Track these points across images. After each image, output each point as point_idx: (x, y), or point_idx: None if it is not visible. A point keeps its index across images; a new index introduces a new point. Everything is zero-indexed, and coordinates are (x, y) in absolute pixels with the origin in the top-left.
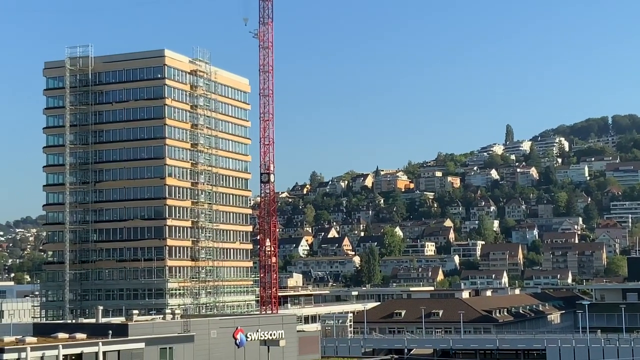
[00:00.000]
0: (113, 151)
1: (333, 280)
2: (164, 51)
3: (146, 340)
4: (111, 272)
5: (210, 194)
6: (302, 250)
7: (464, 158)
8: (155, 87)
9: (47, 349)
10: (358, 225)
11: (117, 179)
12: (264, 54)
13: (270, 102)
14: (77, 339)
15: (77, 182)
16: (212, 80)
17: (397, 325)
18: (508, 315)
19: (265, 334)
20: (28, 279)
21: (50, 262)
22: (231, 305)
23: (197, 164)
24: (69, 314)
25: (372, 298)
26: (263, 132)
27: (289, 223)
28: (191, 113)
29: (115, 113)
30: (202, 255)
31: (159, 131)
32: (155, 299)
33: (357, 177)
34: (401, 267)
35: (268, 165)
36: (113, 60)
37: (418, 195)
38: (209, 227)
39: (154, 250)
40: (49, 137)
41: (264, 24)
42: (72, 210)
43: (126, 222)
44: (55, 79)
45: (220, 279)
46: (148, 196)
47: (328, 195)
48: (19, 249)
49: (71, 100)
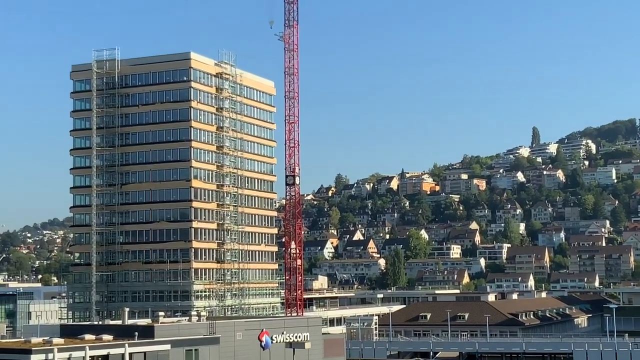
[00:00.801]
0: (139, 153)
1: (358, 283)
2: (190, 54)
3: (172, 342)
4: (137, 274)
5: (235, 197)
6: (328, 252)
7: (490, 160)
8: (181, 90)
9: (74, 350)
10: (383, 228)
11: (143, 181)
12: (289, 56)
13: (295, 105)
14: (104, 340)
15: (104, 184)
16: (238, 82)
17: (422, 328)
18: (534, 319)
19: (290, 336)
20: (55, 280)
21: (77, 264)
22: (256, 308)
23: (222, 167)
24: (96, 316)
25: (398, 301)
26: (288, 135)
27: (314, 225)
28: (217, 115)
29: (141, 115)
30: (228, 258)
31: (184, 134)
32: (180, 300)
33: (382, 180)
34: (427, 269)
35: (293, 168)
36: (139, 63)
37: (444, 198)
38: (235, 229)
39: (180, 252)
40: (76, 140)
41: (289, 26)
42: (98, 212)
43: (152, 224)
44: (82, 82)
45: (245, 281)
46: (174, 198)
47: (353, 197)
48: (46, 250)
49: (98, 102)
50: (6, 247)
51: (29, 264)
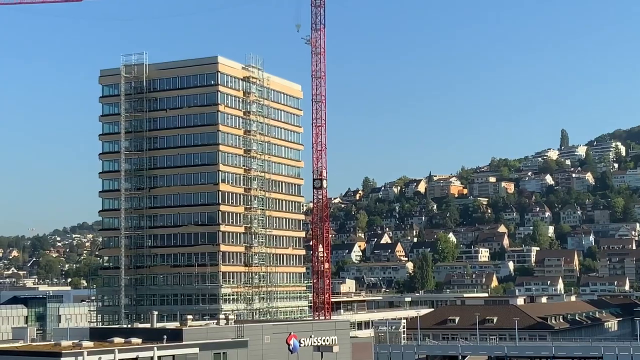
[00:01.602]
0: (167, 157)
1: (386, 286)
2: (217, 58)
3: (200, 345)
4: (165, 278)
5: (263, 200)
6: (355, 256)
7: (518, 163)
8: (208, 94)
9: (103, 353)
10: (411, 231)
11: (171, 185)
12: (316, 59)
13: (322, 108)
14: (133, 343)
15: (132, 188)
16: (265, 86)
17: (450, 332)
18: (564, 322)
19: (318, 339)
20: (84, 283)
21: (106, 267)
22: (284, 311)
23: (250, 170)
24: (125, 319)
25: (426, 304)
26: (315, 138)
27: (342, 229)
28: (244, 119)
29: (169, 120)
30: (255, 261)
31: (212, 137)
32: (208, 304)
33: (409, 183)
34: (455, 273)
35: (321, 171)
36: (167, 67)
37: (471, 201)
38: (262, 232)
39: (208, 255)
40: (104, 144)
41: (316, 30)
42: (127, 216)
43: (180, 227)
44: (110, 87)
45: (273, 284)
46: (202, 202)
47: (381, 200)
48: (75, 254)
49: (126, 107)
50: (36, 251)
51: (58, 267)
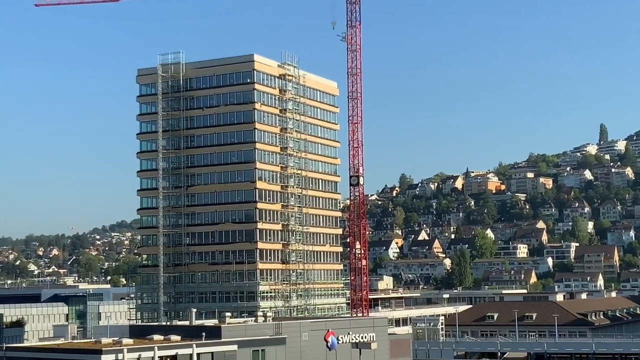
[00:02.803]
0: (204, 156)
1: (424, 283)
2: (253, 56)
3: (239, 343)
4: (204, 275)
5: (300, 197)
6: (392, 252)
7: (557, 159)
8: (244, 92)
9: (143, 350)
10: (448, 228)
11: (209, 183)
12: (352, 56)
13: (358, 105)
14: (172, 340)
15: (170, 186)
16: (301, 84)
17: (489, 329)
18: (604, 319)
19: (356, 336)
20: (124, 281)
21: (144, 265)
22: (322, 308)
23: (286, 168)
24: (164, 316)
25: (464, 301)
26: (352, 135)
27: (379, 225)
28: (280, 117)
29: (205, 118)
30: (293, 258)
31: (249, 135)
32: (246, 301)
33: (447, 179)
34: (493, 269)
35: (357, 168)
36: (203, 66)
37: (509, 197)
38: (299, 230)
39: (245, 253)
40: (142, 143)
41: (352, 26)
42: (165, 214)
43: (218, 225)
44: (147, 86)
45: (310, 281)
46: (239, 200)
47: (418, 197)
48: (114, 252)
49: (163, 106)
50: (76, 249)
51: (98, 265)
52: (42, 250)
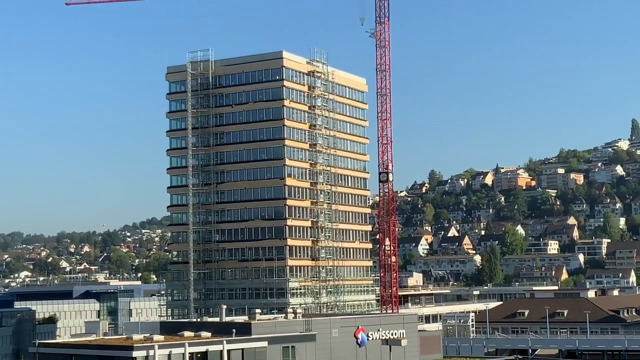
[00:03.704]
0: (234, 153)
1: (454, 280)
2: (282, 53)
3: (269, 339)
4: (234, 272)
5: (329, 194)
6: (422, 249)
7: (588, 154)
8: (273, 89)
9: (174, 346)
10: (478, 224)
11: (238, 180)
12: (381, 53)
13: (387, 101)
14: (203, 337)
15: (200, 183)
16: (330, 80)
17: (520, 325)
18: (636, 315)
19: (386, 333)
20: (154, 278)
21: (175, 262)
22: (352, 305)
23: (316, 164)
24: (194, 313)
25: (494, 297)
26: (381, 131)
27: (408, 222)
28: (309, 114)
29: (235, 115)
30: (322, 255)
31: (278, 132)
32: (276, 298)
33: (476, 175)
34: (523, 266)
35: (386, 165)
36: (232, 63)
37: (540, 193)
38: (329, 226)
39: (275, 250)
40: (172, 140)
41: (380, 23)
42: (195, 211)
43: (247, 222)
44: (177, 83)
45: (340, 278)
46: (268, 197)
47: (447, 193)
48: (145, 249)
49: (193, 103)
50: (107, 246)
51: (129, 262)
52: (73, 247)
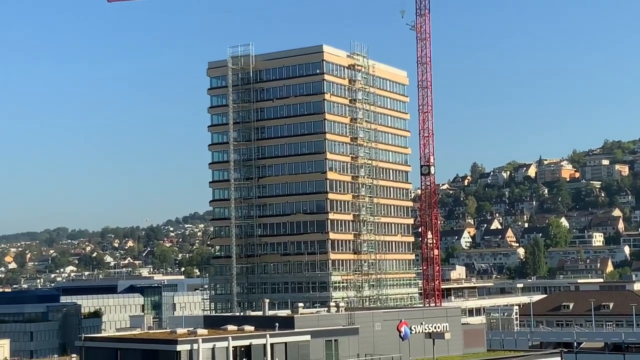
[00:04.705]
0: (275, 147)
1: (497, 272)
2: (322, 47)
3: (312, 333)
4: (276, 266)
5: (370, 187)
6: (465, 242)
7: (633, 145)
8: (314, 83)
9: (217, 340)
10: (521, 216)
11: (280, 174)
12: (422, 45)
13: (429, 94)
14: (246, 331)
15: (241, 178)
16: (370, 73)
17: (565, 318)
18: None
19: (429, 326)
20: (197, 272)
21: (217, 257)
22: (394, 298)
23: (357, 158)
24: (237, 307)
25: (538, 290)
26: (422, 124)
27: (451, 215)
28: (350, 107)
29: (276, 109)
30: (364, 249)
31: (319, 126)
32: (319, 292)
33: (519, 167)
34: (568, 258)
35: (428, 157)
36: (273, 57)
37: (584, 185)
38: (371, 220)
39: (317, 244)
40: (213, 135)
41: (421, 15)
42: (237, 206)
43: (289, 216)
44: (218, 78)
45: (382, 271)
46: (310, 191)
47: (490, 186)
48: (188, 243)
49: (234, 98)
50: (151, 241)
51: (172, 257)
52: (117, 242)
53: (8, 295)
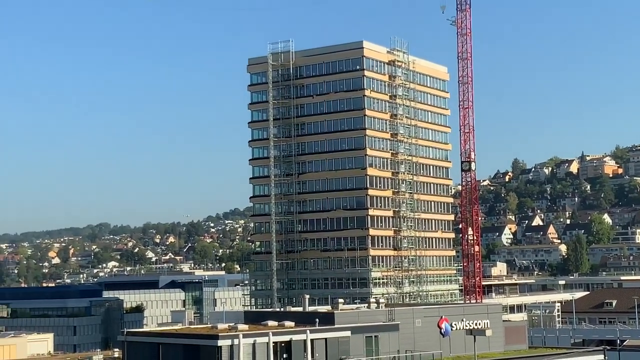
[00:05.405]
0: (315, 143)
1: (538, 269)
2: (362, 43)
3: (352, 329)
4: (316, 262)
5: (411, 184)
6: (506, 238)
7: None
8: (354, 79)
9: (258, 336)
10: (563, 213)
11: (319, 170)
12: (462, 40)
13: (469, 90)
14: (286, 326)
15: (281, 174)
16: (411, 69)
17: (608, 316)
18: None
19: (470, 323)
20: (237, 268)
21: (258, 252)
22: (434, 295)
23: (397, 154)
24: (277, 302)
25: (581, 287)
26: (463, 120)
27: (491, 211)
28: (390, 103)
29: (316, 106)
30: (405, 245)
31: (359, 122)
32: (359, 288)
33: (561, 163)
34: (611, 255)
35: (469, 153)
36: (313, 53)
37: (627, 181)
38: (411, 216)
39: (357, 240)
40: (254, 131)
41: (462, 10)
42: (277, 202)
43: (329, 212)
44: (258, 75)
45: (423, 268)
46: (350, 187)
47: (531, 182)
48: (228, 239)
49: (274, 94)
50: (191, 237)
51: (212, 252)
52: (159, 238)
53: (52, 290)
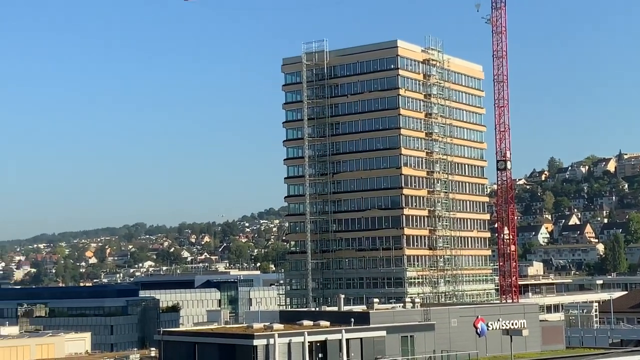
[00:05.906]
0: (349, 142)
1: (575, 269)
2: (397, 42)
3: (387, 329)
4: (351, 261)
5: (446, 183)
6: (542, 238)
7: None
8: (388, 78)
9: (293, 335)
10: (600, 212)
11: (354, 169)
12: (497, 39)
13: (504, 88)
14: (322, 326)
15: (316, 173)
16: (445, 68)
17: None
18: None
19: (506, 323)
20: (273, 268)
21: (293, 252)
22: (470, 294)
23: (432, 153)
24: (312, 302)
25: (619, 287)
26: (498, 119)
27: (527, 210)
28: (425, 102)
29: (350, 105)
30: (440, 244)
31: (393, 121)
32: (394, 287)
33: (598, 162)
34: None
35: (504, 152)
36: (347, 53)
37: None
38: (446, 215)
39: (392, 239)
40: (288, 131)
41: (497, 8)
42: (312, 202)
43: (364, 212)
44: (292, 75)
45: (458, 267)
46: (384, 186)
47: (567, 181)
48: (263, 239)
49: (308, 94)
50: (226, 237)
51: (247, 252)
52: (194, 238)
53: (89, 289)
